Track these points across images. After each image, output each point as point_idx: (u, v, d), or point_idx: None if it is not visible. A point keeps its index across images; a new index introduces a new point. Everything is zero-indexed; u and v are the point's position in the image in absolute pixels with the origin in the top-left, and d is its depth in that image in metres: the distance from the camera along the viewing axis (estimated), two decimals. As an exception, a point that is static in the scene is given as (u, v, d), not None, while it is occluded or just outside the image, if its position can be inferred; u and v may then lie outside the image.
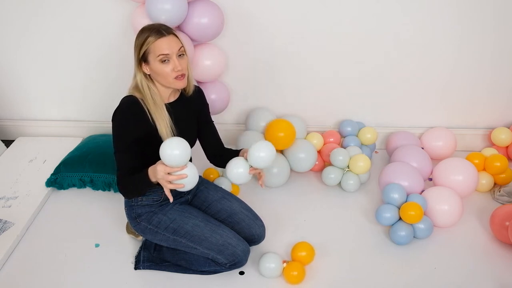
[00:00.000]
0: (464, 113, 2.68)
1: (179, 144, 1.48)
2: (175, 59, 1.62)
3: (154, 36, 1.59)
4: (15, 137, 2.76)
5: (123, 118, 1.63)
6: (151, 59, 1.62)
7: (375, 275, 1.87)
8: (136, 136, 1.64)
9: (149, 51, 1.61)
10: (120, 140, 1.64)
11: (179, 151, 1.47)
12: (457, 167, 2.20)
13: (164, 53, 1.59)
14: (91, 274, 1.85)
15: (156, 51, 1.60)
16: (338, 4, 2.32)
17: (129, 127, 1.63)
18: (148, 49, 1.61)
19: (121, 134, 1.64)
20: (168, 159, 1.47)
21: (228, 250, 1.73)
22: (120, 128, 1.64)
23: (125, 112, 1.64)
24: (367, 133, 2.56)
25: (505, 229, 1.95)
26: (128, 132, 1.63)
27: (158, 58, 1.60)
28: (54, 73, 2.57)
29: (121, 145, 1.64)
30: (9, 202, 2.18)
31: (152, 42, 1.59)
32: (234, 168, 1.64)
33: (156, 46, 1.59)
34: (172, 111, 1.72)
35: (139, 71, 1.66)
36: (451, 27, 2.38)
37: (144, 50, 1.61)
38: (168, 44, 1.60)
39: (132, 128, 1.63)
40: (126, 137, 1.63)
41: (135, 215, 1.80)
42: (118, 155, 1.65)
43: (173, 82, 1.65)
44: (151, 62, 1.62)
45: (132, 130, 1.63)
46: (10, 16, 2.39)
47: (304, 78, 2.56)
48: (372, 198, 2.33)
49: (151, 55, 1.61)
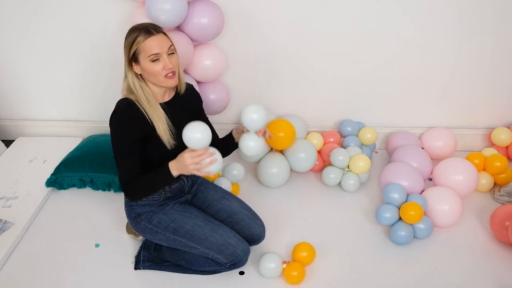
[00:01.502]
0: (464, 113, 2.68)
1: (203, 127, 1.55)
2: (165, 57, 1.61)
3: (144, 36, 1.59)
4: (15, 137, 2.76)
5: (121, 121, 1.63)
6: (141, 59, 1.61)
7: (375, 275, 1.87)
8: (136, 138, 1.63)
9: (139, 50, 1.60)
10: (121, 144, 1.63)
11: (206, 133, 1.54)
12: (457, 167, 2.20)
13: (155, 53, 1.59)
14: (91, 274, 1.85)
15: (146, 51, 1.59)
16: (338, 4, 2.32)
17: (128, 130, 1.62)
18: (138, 49, 1.60)
19: (121, 138, 1.63)
20: (195, 142, 1.53)
21: (228, 250, 1.73)
22: (119, 132, 1.63)
23: (122, 115, 1.63)
24: (367, 133, 2.56)
25: (505, 229, 1.95)
26: (128, 135, 1.62)
27: (149, 58, 1.59)
28: (54, 73, 2.57)
29: (123, 149, 1.63)
30: (9, 202, 2.18)
31: (141, 41, 1.59)
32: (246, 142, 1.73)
33: (146, 45, 1.59)
34: (169, 110, 1.72)
35: (129, 71, 1.65)
36: (451, 27, 2.38)
37: (134, 50, 1.60)
38: (158, 43, 1.60)
39: (131, 130, 1.63)
40: (126, 140, 1.62)
41: (135, 214, 1.80)
42: (120, 159, 1.64)
43: (164, 81, 1.64)
44: (141, 61, 1.61)
45: (131, 132, 1.63)
46: (10, 16, 2.39)
47: (304, 78, 2.56)
48: (372, 198, 2.33)
49: (141, 54, 1.60)
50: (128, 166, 1.64)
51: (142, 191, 1.69)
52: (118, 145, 1.64)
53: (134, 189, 1.66)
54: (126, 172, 1.65)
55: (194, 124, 1.55)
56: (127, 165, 1.64)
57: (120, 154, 1.64)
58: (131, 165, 1.64)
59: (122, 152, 1.63)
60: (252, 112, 1.69)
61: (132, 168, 1.64)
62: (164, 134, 1.66)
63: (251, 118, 1.69)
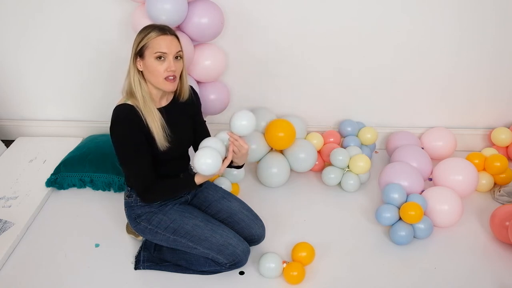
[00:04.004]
0: (464, 113, 2.68)
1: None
2: (171, 59, 1.61)
3: (156, 33, 1.59)
4: (15, 137, 2.76)
5: (124, 127, 1.61)
6: (147, 54, 1.60)
7: (375, 275, 1.87)
8: (141, 141, 1.62)
9: (148, 46, 1.59)
10: (129, 151, 1.62)
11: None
12: (457, 167, 2.20)
13: (162, 51, 1.59)
14: (91, 274, 1.85)
15: (154, 47, 1.59)
16: (338, 5, 2.32)
17: (133, 134, 1.61)
18: (147, 44, 1.59)
19: (128, 144, 1.62)
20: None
21: (228, 250, 1.73)
22: (124, 139, 1.62)
23: (123, 121, 1.62)
24: (367, 133, 2.56)
25: (505, 229, 1.95)
26: (133, 140, 1.61)
27: (154, 55, 1.59)
28: (54, 73, 2.57)
29: (132, 155, 1.62)
30: (9, 202, 2.18)
31: (153, 37, 1.59)
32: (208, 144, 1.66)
33: (156, 42, 1.59)
34: (166, 115, 1.70)
35: (133, 66, 1.64)
36: (452, 27, 2.38)
37: (143, 44, 1.59)
38: (168, 43, 1.60)
39: (136, 134, 1.62)
40: (134, 145, 1.62)
41: (135, 215, 1.80)
42: (131, 167, 1.64)
43: (162, 82, 1.63)
44: (146, 57, 1.60)
45: (136, 136, 1.61)
46: (10, 16, 2.39)
47: (304, 78, 2.56)
48: (372, 198, 2.33)
49: (148, 50, 1.59)
50: (142, 172, 1.64)
51: (161, 196, 1.73)
52: (126, 152, 1.63)
53: (154, 196, 1.70)
54: (142, 178, 1.64)
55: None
56: (141, 171, 1.64)
57: (130, 161, 1.63)
58: (145, 170, 1.64)
59: (132, 158, 1.62)
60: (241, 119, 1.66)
61: (146, 173, 1.64)
62: (157, 135, 1.64)
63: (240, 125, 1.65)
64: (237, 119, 1.65)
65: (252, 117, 1.67)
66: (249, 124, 1.66)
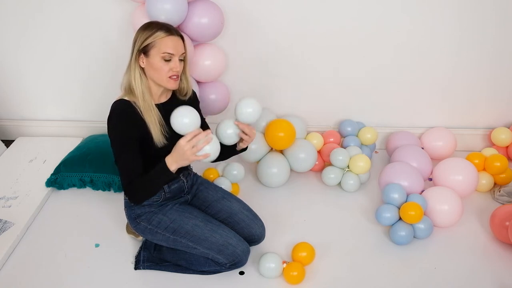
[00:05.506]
0: (464, 113, 2.68)
1: (188, 109, 1.56)
2: (176, 60, 1.63)
3: (164, 32, 1.60)
4: (15, 137, 2.76)
5: (119, 120, 1.62)
6: (153, 53, 1.60)
7: (375, 275, 1.87)
8: (134, 136, 1.63)
9: (154, 45, 1.60)
10: (121, 143, 1.63)
11: (194, 115, 1.56)
12: (457, 167, 2.20)
13: (169, 52, 1.60)
14: (91, 274, 1.85)
15: (161, 47, 1.59)
16: (338, 5, 2.32)
17: (127, 128, 1.62)
18: (153, 43, 1.60)
19: (121, 137, 1.62)
20: (185, 127, 1.55)
21: (228, 250, 1.73)
22: (118, 131, 1.62)
23: (119, 116, 1.62)
24: (367, 133, 2.56)
25: (505, 229, 1.95)
26: (127, 133, 1.62)
27: (161, 55, 1.60)
28: (54, 73, 2.57)
29: (124, 148, 1.63)
30: (9, 202, 2.18)
31: (161, 37, 1.59)
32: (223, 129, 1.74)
33: (164, 42, 1.59)
34: (164, 111, 1.70)
35: (135, 61, 1.64)
36: (452, 27, 2.38)
37: (149, 42, 1.60)
38: (176, 45, 1.62)
39: (130, 128, 1.62)
40: (126, 139, 1.62)
41: (135, 215, 1.80)
42: (121, 160, 1.63)
43: (166, 80, 1.64)
44: (151, 56, 1.61)
45: (130, 130, 1.62)
46: (10, 16, 2.39)
47: (304, 78, 2.56)
48: (372, 198, 2.33)
49: (154, 49, 1.60)
50: (128, 166, 1.63)
51: (143, 191, 1.67)
52: (118, 145, 1.63)
53: (136, 190, 1.65)
54: (126, 172, 1.64)
55: (180, 109, 1.56)
56: (128, 165, 1.63)
57: (121, 154, 1.63)
58: (132, 165, 1.64)
59: (123, 151, 1.62)
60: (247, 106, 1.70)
61: (132, 168, 1.63)
62: (154, 131, 1.65)
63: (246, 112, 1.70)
64: (243, 107, 1.70)
65: (257, 103, 1.71)
66: (255, 111, 1.70)
